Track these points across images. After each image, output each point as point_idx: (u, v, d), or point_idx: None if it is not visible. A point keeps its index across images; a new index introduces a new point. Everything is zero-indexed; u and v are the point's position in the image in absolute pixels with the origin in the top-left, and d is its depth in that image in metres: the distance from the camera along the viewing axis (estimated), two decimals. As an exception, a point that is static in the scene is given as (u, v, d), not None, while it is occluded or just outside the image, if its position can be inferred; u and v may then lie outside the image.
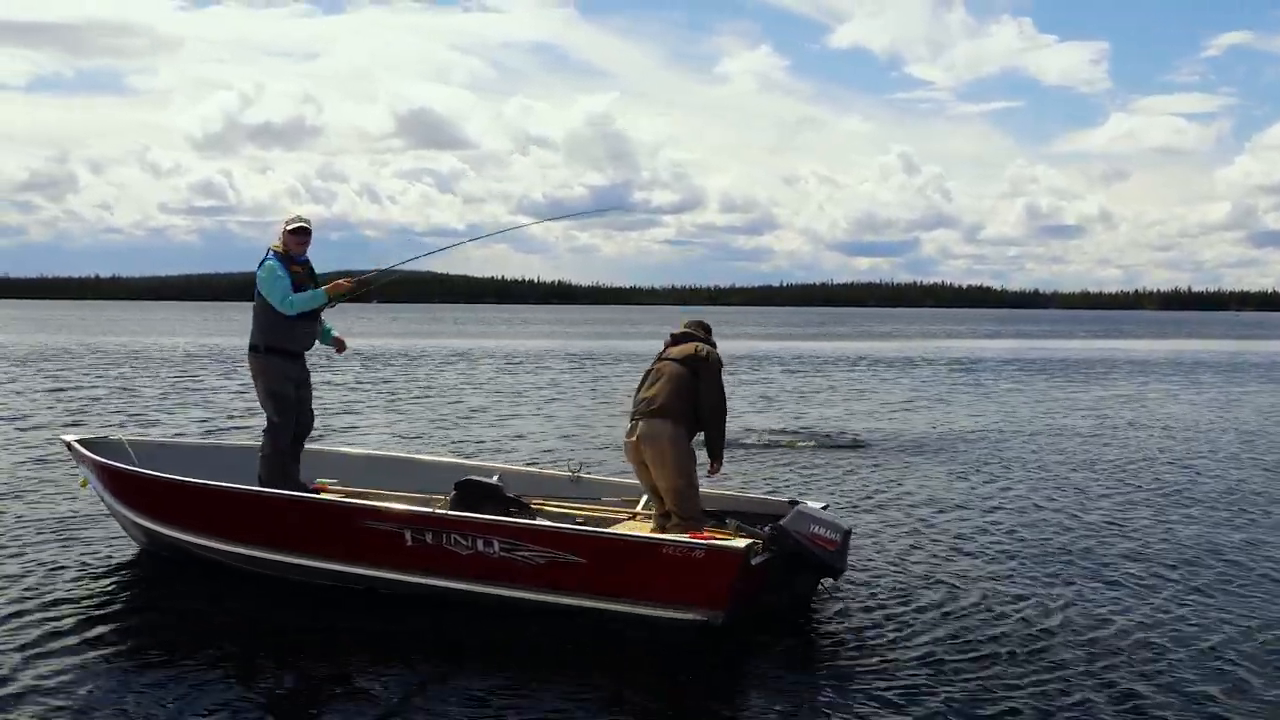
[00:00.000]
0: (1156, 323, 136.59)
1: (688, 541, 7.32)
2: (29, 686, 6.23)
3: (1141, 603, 8.12)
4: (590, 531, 7.85)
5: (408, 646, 7.08)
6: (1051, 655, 6.98)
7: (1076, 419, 20.72)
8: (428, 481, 9.31)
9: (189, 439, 14.71)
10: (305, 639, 7.26)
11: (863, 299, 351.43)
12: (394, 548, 7.72)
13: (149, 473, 8.60)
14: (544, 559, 7.42)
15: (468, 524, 7.67)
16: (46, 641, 6.94)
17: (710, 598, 7.20)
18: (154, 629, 7.39)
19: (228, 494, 8.26)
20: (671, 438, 7.88)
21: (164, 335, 58.84)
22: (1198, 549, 9.85)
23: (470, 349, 48.13)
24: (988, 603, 8.04)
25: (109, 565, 8.76)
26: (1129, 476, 13.85)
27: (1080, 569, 9.06)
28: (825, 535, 7.63)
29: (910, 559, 9.31)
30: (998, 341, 64.66)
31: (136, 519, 8.62)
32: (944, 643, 7.18)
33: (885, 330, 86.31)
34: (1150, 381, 31.48)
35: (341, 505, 8.22)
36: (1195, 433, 18.78)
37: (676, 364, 8.03)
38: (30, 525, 9.92)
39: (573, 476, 9.42)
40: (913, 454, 15.69)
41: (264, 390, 8.77)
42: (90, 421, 18.34)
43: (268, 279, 8.57)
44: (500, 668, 6.81)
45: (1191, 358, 46.18)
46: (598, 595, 7.39)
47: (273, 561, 8.12)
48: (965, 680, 6.53)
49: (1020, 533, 10.42)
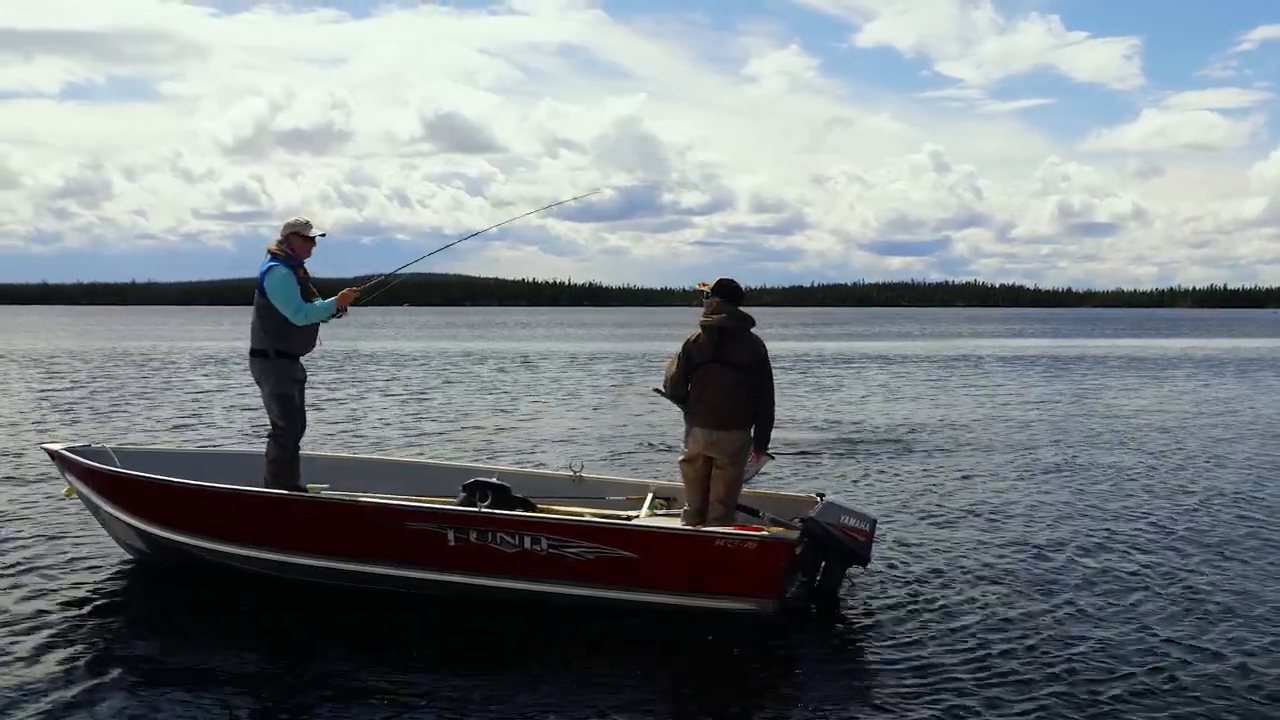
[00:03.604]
0: (1196, 321, 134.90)
1: (739, 533, 7.53)
2: (26, 699, 6.10)
3: (1185, 613, 7.81)
4: (642, 526, 7.87)
5: (459, 646, 7.06)
6: (1087, 654, 6.86)
7: (1122, 419, 20.31)
8: (425, 485, 9.12)
9: (175, 446, 14.41)
10: (346, 642, 7.17)
11: (896, 299, 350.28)
12: (436, 548, 7.66)
13: (172, 480, 8.33)
14: (593, 555, 7.50)
15: (514, 522, 7.67)
16: (44, 654, 6.80)
17: (762, 587, 7.43)
18: (158, 636, 7.24)
19: (259, 499, 8.08)
20: (745, 446, 7.96)
21: (185, 339, 59.04)
22: (1251, 561, 9.46)
23: (473, 351, 48.08)
24: (1018, 596, 8.07)
25: (105, 574, 8.55)
26: (1179, 478, 13.45)
27: (1118, 570, 8.79)
28: (855, 526, 7.85)
29: (932, 549, 9.41)
30: (1047, 340, 64.03)
31: (145, 526, 8.31)
32: (975, 635, 7.23)
33: (930, 330, 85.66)
34: (1207, 379, 30.90)
35: (382, 506, 8.02)
36: (1263, 436, 18.16)
37: (737, 369, 7.90)
38: (17, 535, 9.69)
39: (575, 477, 9.30)
40: (947, 452, 15.43)
41: (271, 394, 8.56)
42: (72, 430, 18.07)
43: (281, 288, 8.35)
44: (542, 663, 6.82)
45: (1244, 355, 45.37)
46: (648, 589, 7.50)
47: (308, 567, 7.93)
48: (1003, 672, 6.55)
49: (1046, 528, 10.20)
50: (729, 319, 7.99)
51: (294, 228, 8.55)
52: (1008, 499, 11.98)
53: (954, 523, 10.66)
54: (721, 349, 7.94)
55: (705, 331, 8.00)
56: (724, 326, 7.97)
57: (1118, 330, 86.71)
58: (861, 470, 13.90)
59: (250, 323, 8.55)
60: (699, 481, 8.00)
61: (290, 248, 8.54)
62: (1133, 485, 12.86)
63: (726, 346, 7.94)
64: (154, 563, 8.59)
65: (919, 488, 12.61)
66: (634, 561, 7.48)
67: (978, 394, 25.77)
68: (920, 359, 42.05)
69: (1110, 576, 8.65)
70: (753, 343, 8.03)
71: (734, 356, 7.92)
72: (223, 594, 7.95)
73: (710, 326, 7.99)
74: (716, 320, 7.98)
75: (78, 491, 8.75)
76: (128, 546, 8.78)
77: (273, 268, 8.42)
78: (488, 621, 7.42)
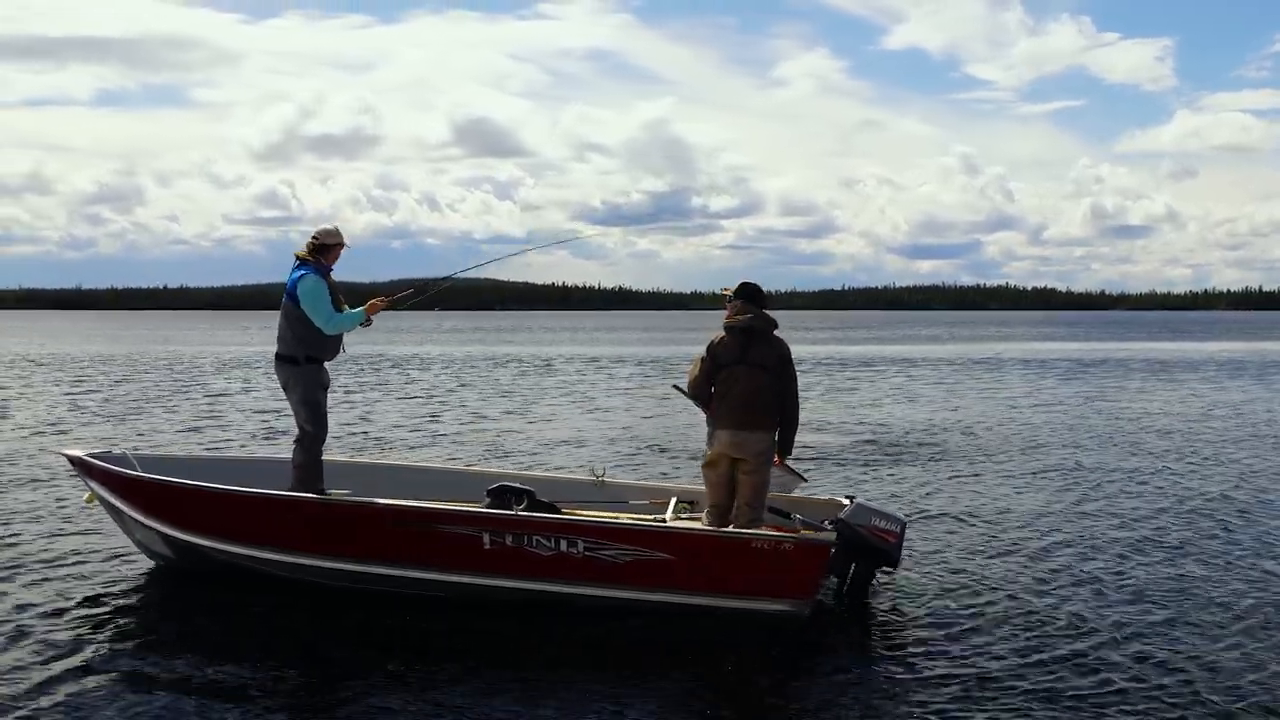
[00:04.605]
0: (1229, 323, 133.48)
1: (777, 535, 7.64)
2: (56, 702, 6.10)
3: (1222, 625, 7.69)
4: (679, 528, 7.90)
5: (491, 649, 7.06)
6: (1120, 660, 6.81)
7: (1158, 423, 20.11)
8: (447, 490, 9.07)
9: (194, 452, 14.40)
10: (377, 646, 7.14)
11: (928, 302, 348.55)
12: (472, 552, 7.68)
13: (199, 484, 8.32)
14: (629, 557, 7.55)
15: (551, 525, 7.72)
16: (66, 654, 6.84)
17: (799, 589, 7.53)
18: (192, 642, 7.24)
19: (294, 503, 8.09)
20: (769, 448, 7.96)
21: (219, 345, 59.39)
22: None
23: (496, 355, 48.15)
24: (1047, 599, 8.07)
25: (126, 579, 8.55)
26: (1218, 485, 13.24)
27: (1156, 573, 8.68)
28: (885, 528, 7.94)
29: (961, 552, 9.46)
30: (1078, 344, 63.50)
31: (174, 532, 8.28)
32: (1004, 638, 7.24)
33: (960, 334, 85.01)
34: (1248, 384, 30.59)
35: (416, 510, 8.01)
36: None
37: (763, 370, 7.88)
38: (37, 539, 9.72)
39: (596, 481, 9.29)
40: (975, 454, 15.28)
41: (299, 399, 8.56)
42: (89, 431, 18.20)
43: (315, 296, 8.36)
44: (574, 664, 6.87)
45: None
46: (685, 591, 7.56)
47: (343, 572, 7.92)
48: (1032, 676, 6.54)
49: (1076, 532, 10.08)
50: (755, 320, 7.96)
51: (323, 236, 8.58)
52: (1040, 502, 11.90)
53: (982, 525, 10.64)
54: (747, 350, 7.91)
55: (730, 333, 7.98)
56: (750, 327, 7.95)
57: (1153, 333, 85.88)
58: (890, 472, 13.87)
59: (278, 328, 8.55)
60: (721, 484, 7.96)
61: (318, 255, 8.56)
62: (1170, 490, 12.70)
63: (752, 348, 7.92)
64: (177, 567, 8.58)
65: (947, 490, 12.59)
66: (671, 563, 7.54)
67: (1008, 398, 25.57)
68: (949, 362, 41.76)
69: (1143, 581, 8.57)
70: (778, 344, 8.01)
71: (760, 358, 7.89)
72: (243, 596, 7.96)
73: (735, 328, 7.96)
74: (742, 321, 7.96)
75: (99, 497, 8.73)
76: (151, 552, 8.77)
77: (304, 275, 8.42)
78: (519, 624, 7.43)
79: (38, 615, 7.57)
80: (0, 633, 7.18)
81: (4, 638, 7.09)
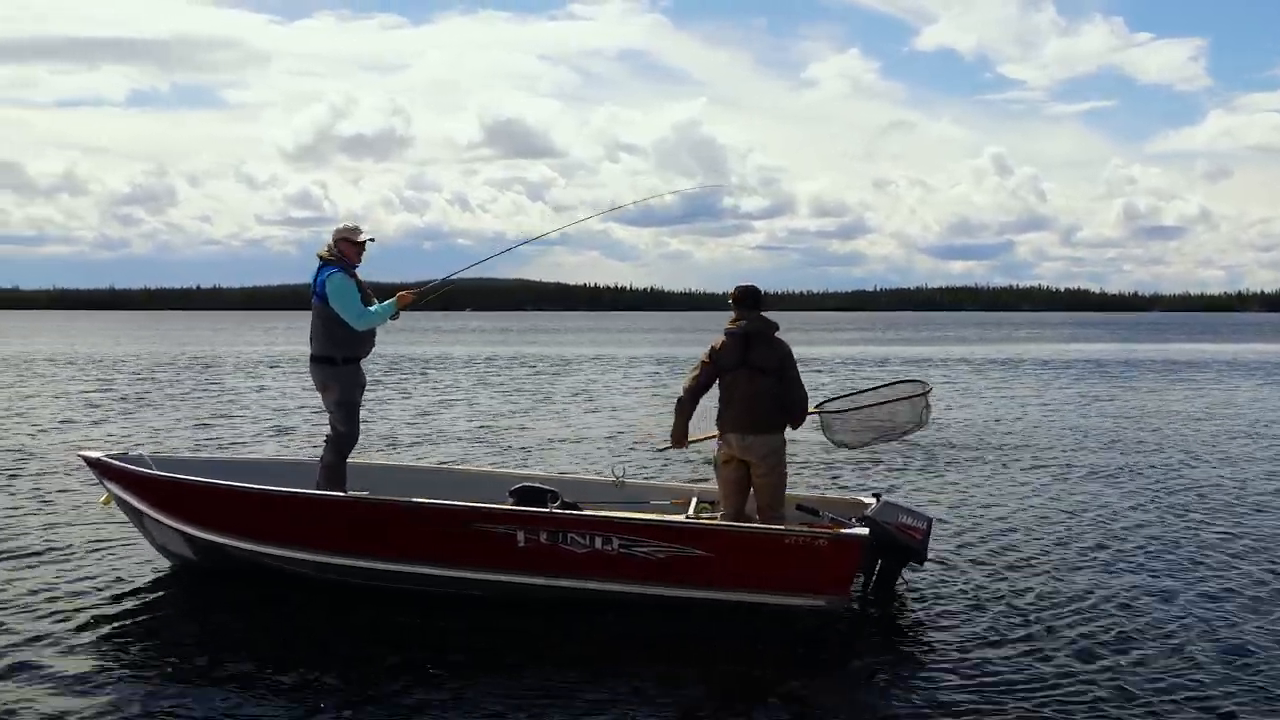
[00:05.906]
0: (1264, 324, 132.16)
1: (811, 530, 7.67)
2: (76, 698, 6.09)
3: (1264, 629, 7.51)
4: (715, 525, 7.90)
5: (520, 646, 7.05)
6: (1147, 659, 6.77)
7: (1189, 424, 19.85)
8: (468, 491, 8.97)
9: (213, 454, 14.39)
10: (404, 643, 7.08)
11: (960, 303, 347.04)
12: (506, 550, 7.70)
13: (229, 484, 8.28)
14: (665, 554, 7.58)
15: (586, 522, 7.74)
16: (85, 654, 6.81)
17: (834, 584, 7.56)
18: (211, 640, 7.19)
19: (324, 502, 8.06)
20: (778, 449, 7.99)
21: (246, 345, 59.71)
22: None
23: (521, 355, 48.13)
24: (1073, 597, 8.07)
25: (144, 579, 8.53)
26: (1250, 486, 13.01)
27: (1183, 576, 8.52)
28: (912, 525, 8.03)
29: (987, 550, 9.49)
30: (1115, 345, 63.01)
31: (198, 532, 8.21)
32: (1031, 636, 7.21)
33: (991, 335, 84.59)
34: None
35: (450, 509, 7.97)
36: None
37: (764, 373, 7.92)
38: (55, 540, 9.67)
39: (616, 481, 9.24)
40: (1000, 453, 15.11)
41: (335, 400, 8.52)
42: (106, 431, 18.21)
43: (344, 294, 8.31)
44: (604, 659, 6.89)
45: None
46: (720, 587, 7.58)
47: (374, 571, 7.88)
48: (1059, 675, 6.51)
49: (1100, 531, 9.97)
50: (753, 323, 8.04)
51: (343, 233, 8.53)
52: (1065, 500, 11.88)
53: (1008, 522, 10.66)
54: (748, 354, 7.97)
55: (730, 337, 8.05)
56: (749, 331, 8.03)
57: (1191, 334, 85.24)
58: (916, 471, 13.90)
59: (311, 330, 8.50)
60: (735, 485, 8.04)
61: (341, 253, 8.49)
62: (1199, 490, 12.52)
63: (752, 351, 7.99)
64: (197, 568, 8.52)
65: (972, 488, 12.61)
66: (706, 559, 7.56)
67: (1035, 397, 25.33)
68: (980, 362, 41.51)
69: (1176, 588, 8.37)
70: (778, 346, 8.06)
71: (760, 361, 7.95)
72: (262, 595, 7.93)
73: (735, 332, 8.05)
74: (741, 326, 8.04)
75: (117, 498, 8.65)
76: (169, 553, 8.70)
77: (331, 274, 8.37)
78: (543, 622, 7.39)
79: (53, 614, 7.54)
80: (18, 633, 7.14)
81: (22, 638, 7.05)
